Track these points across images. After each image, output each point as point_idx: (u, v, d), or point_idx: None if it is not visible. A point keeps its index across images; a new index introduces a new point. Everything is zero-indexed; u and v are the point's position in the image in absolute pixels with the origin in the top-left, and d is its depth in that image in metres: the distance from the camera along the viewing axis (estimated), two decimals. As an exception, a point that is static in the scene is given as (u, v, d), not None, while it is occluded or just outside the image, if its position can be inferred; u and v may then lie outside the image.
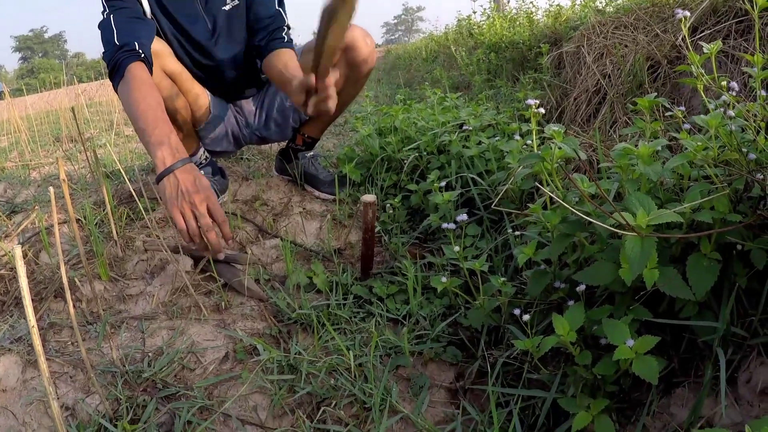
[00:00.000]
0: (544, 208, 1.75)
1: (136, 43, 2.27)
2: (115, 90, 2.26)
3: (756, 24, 1.58)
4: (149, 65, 2.28)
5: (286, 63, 2.50)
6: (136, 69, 2.20)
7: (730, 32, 2.66)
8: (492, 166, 2.68)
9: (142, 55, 2.26)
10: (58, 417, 1.19)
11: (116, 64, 2.24)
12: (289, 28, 2.77)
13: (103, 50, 2.34)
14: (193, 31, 2.66)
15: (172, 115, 2.65)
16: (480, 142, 2.88)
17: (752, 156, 1.41)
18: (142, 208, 2.52)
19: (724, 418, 1.33)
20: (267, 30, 2.70)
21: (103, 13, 2.40)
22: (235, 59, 2.83)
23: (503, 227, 2.40)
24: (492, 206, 2.28)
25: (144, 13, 2.49)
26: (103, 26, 2.36)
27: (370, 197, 2.19)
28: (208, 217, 1.91)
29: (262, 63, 2.68)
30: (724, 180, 1.45)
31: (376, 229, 2.37)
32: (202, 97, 2.82)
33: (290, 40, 2.69)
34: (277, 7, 2.76)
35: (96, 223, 2.72)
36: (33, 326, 1.08)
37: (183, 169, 1.94)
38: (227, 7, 2.71)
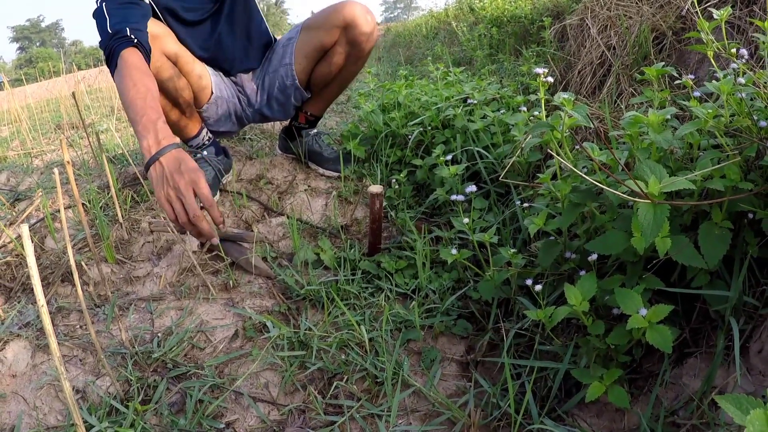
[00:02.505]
0: (553, 178, 1.74)
1: (128, 29, 2.24)
2: (113, 78, 2.25)
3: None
4: (143, 50, 2.26)
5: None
6: (128, 55, 2.18)
7: (736, 3, 2.64)
8: (498, 140, 2.67)
9: (135, 41, 2.24)
10: (70, 396, 1.19)
11: (110, 52, 2.22)
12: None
13: (99, 39, 2.32)
14: None
15: (175, 97, 2.64)
16: (485, 116, 2.87)
17: (763, 123, 1.40)
18: (147, 190, 2.51)
19: (737, 388, 1.33)
20: None
21: (97, 0, 2.38)
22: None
23: (510, 200, 2.39)
24: (499, 179, 2.27)
25: None
26: (97, 14, 2.34)
27: (376, 188, 2.19)
28: (195, 204, 1.86)
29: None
30: (735, 148, 1.44)
31: (383, 204, 2.36)
32: (204, 77, 2.80)
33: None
34: None
35: (101, 207, 2.72)
36: (42, 305, 1.08)
37: (168, 155, 1.91)
38: None
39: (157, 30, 2.47)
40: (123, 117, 5.86)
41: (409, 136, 3.08)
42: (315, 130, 3.24)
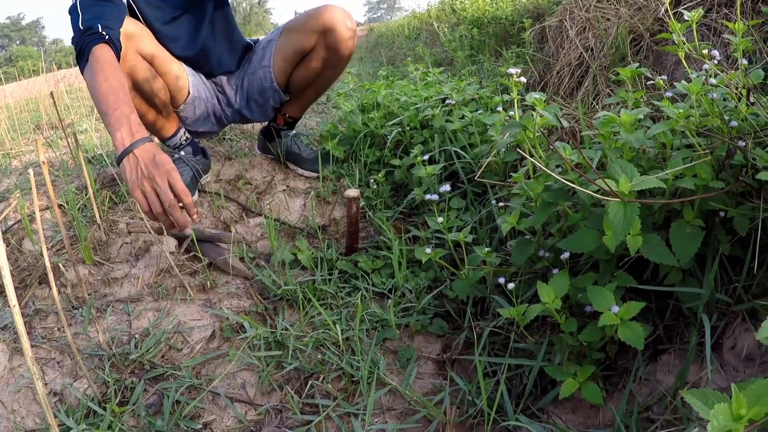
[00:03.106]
0: (528, 177, 1.75)
1: (100, 26, 2.23)
2: (83, 75, 2.24)
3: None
4: (114, 47, 2.25)
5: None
6: (100, 51, 2.17)
7: (713, 5, 2.65)
8: (475, 140, 2.68)
9: (107, 38, 2.23)
10: (43, 397, 1.18)
11: (81, 48, 2.21)
12: None
13: (72, 35, 2.31)
14: None
15: (151, 97, 2.62)
16: (463, 116, 2.88)
17: (734, 123, 1.42)
18: (124, 191, 2.50)
19: (710, 384, 1.34)
20: None
21: None
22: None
23: (487, 200, 2.39)
24: (475, 178, 2.28)
25: None
26: (71, 10, 2.32)
27: (353, 192, 2.20)
28: (170, 193, 1.86)
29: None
30: (706, 148, 1.46)
31: (361, 205, 2.37)
32: (181, 78, 2.79)
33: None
34: None
35: (79, 208, 2.70)
36: (14, 306, 1.08)
37: (142, 148, 1.90)
38: None
39: (133, 29, 2.46)
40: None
41: (388, 137, 3.08)
42: (294, 131, 3.24)
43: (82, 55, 2.21)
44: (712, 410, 0.77)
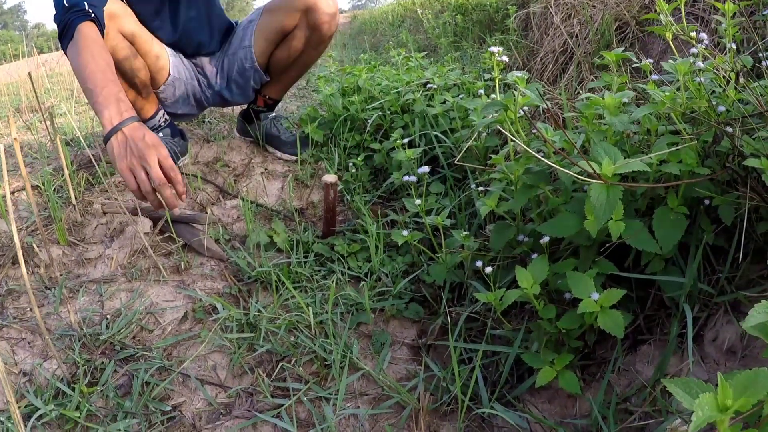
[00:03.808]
0: (508, 159, 1.71)
1: (86, 3, 2.20)
2: (65, 52, 2.20)
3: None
4: (100, 26, 2.22)
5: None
6: (86, 29, 2.14)
7: (701, -6, 2.64)
8: (456, 125, 2.65)
9: (92, 15, 2.19)
10: (2, 373, 1.14)
11: (65, 25, 2.18)
12: None
13: (54, 13, 2.27)
14: None
15: (131, 78, 2.59)
16: (444, 101, 2.85)
17: (722, 108, 1.38)
18: (100, 173, 2.47)
19: (690, 376, 1.32)
20: None
21: None
22: None
23: (467, 185, 2.37)
24: (455, 162, 2.25)
25: None
26: None
27: (331, 178, 2.17)
28: (159, 170, 1.84)
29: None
30: (692, 134, 1.43)
31: (339, 188, 2.34)
32: (161, 58, 2.75)
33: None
34: None
35: (55, 189, 2.66)
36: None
37: (131, 127, 1.89)
38: None
39: (115, 8, 2.41)
40: (82, 100, 5.76)
41: (368, 120, 3.05)
42: (273, 114, 3.20)
43: (66, 32, 2.18)
44: (697, 400, 0.73)
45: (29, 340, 1.83)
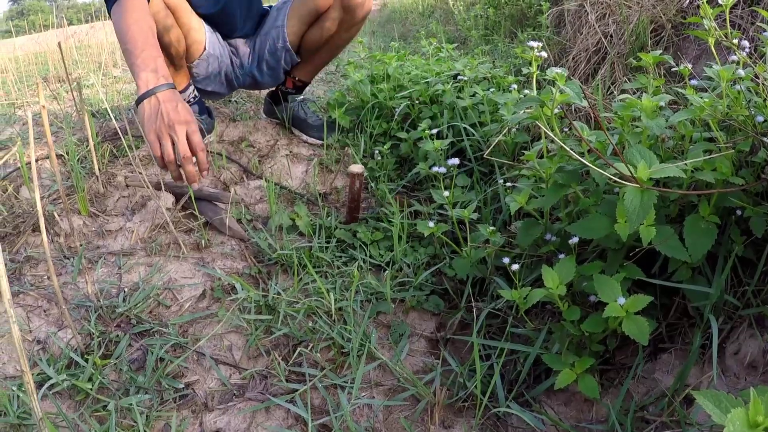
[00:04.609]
0: (540, 157, 1.69)
1: None
2: (109, 14, 2.21)
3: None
4: None
5: None
6: None
7: (739, 2, 2.60)
8: (485, 118, 2.63)
9: None
10: (18, 341, 1.13)
11: None
12: None
13: None
14: None
15: (167, 47, 2.58)
16: (474, 94, 2.82)
17: (760, 118, 1.36)
18: (126, 146, 2.46)
19: (711, 388, 1.30)
20: None
21: None
22: None
23: (493, 179, 2.35)
24: (484, 156, 2.23)
25: None
26: None
27: (357, 168, 2.16)
28: (186, 144, 1.83)
29: None
30: (728, 142, 1.40)
31: (364, 175, 2.32)
32: (198, 31, 2.74)
33: None
34: None
35: (78, 159, 2.66)
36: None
37: (165, 93, 1.88)
38: None
39: None
40: (110, 73, 5.77)
41: (396, 109, 3.03)
42: (301, 97, 3.19)
43: None
44: (729, 415, 0.72)
45: (45, 308, 1.83)
